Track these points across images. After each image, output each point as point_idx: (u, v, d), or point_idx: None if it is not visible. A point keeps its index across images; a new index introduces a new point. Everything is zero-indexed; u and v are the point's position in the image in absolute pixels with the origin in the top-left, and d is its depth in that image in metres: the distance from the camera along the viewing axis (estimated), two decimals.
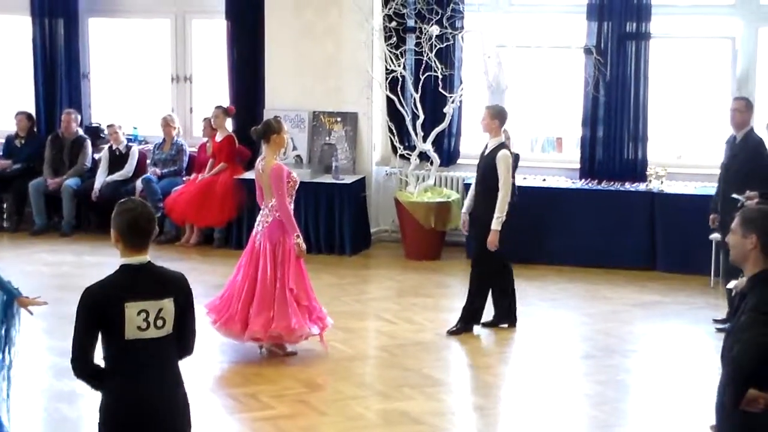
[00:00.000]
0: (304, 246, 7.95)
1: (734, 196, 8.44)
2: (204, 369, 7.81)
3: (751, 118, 9.02)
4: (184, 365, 4.59)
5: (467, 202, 8.94)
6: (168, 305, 4.38)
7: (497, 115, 8.66)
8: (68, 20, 12.88)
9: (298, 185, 8.07)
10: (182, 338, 4.52)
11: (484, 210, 8.50)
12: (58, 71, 12.93)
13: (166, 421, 4.43)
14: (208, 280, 10.20)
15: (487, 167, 8.56)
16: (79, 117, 12.65)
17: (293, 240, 7.87)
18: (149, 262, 4.43)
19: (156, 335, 4.35)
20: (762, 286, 4.48)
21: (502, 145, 8.61)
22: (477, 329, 8.73)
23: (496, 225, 8.42)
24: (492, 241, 8.45)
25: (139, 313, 4.30)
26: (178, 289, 4.48)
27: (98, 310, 4.28)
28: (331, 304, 9.32)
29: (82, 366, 4.34)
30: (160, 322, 4.35)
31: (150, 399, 4.36)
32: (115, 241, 4.40)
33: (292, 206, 7.96)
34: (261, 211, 8.05)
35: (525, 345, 8.64)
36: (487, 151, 8.68)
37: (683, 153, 11.41)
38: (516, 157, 10.72)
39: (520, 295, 9.51)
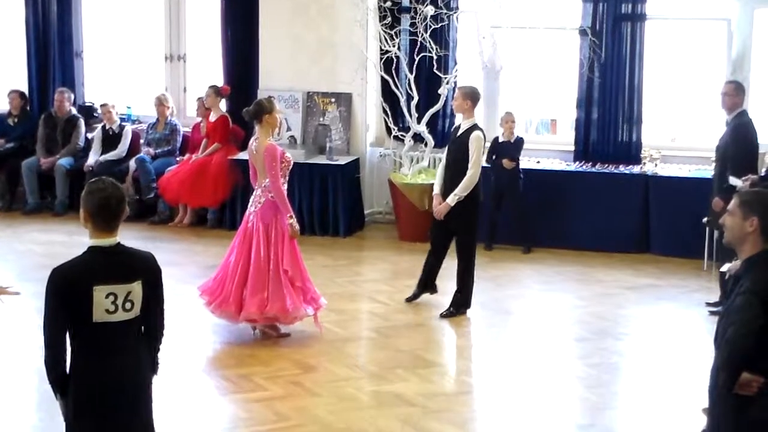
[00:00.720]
0: (297, 227, 7.92)
1: (731, 181, 8.43)
2: (197, 350, 7.81)
3: (742, 101, 9.02)
4: (177, 346, 4.58)
5: (438, 182, 8.77)
6: (137, 288, 4.35)
7: (469, 96, 8.62)
8: None
9: (291, 166, 8.04)
10: (152, 317, 4.49)
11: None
12: (52, 50, 12.88)
13: (131, 404, 4.42)
14: (202, 260, 10.19)
15: (460, 149, 8.51)
16: (73, 96, 12.60)
17: (287, 221, 7.85)
18: (119, 243, 4.38)
19: (124, 318, 4.32)
20: (757, 268, 4.47)
21: (475, 126, 8.58)
22: (470, 312, 8.73)
23: (452, 200, 8.42)
24: (440, 212, 8.47)
25: (107, 296, 4.26)
26: (148, 271, 4.43)
27: (66, 291, 4.25)
28: (325, 285, 9.31)
29: (56, 356, 4.29)
30: (128, 305, 4.32)
31: (116, 381, 4.34)
32: (84, 221, 4.36)
33: (285, 187, 7.93)
34: (254, 192, 8.02)
35: (518, 327, 8.65)
36: (459, 132, 8.64)
37: (677, 136, 11.40)
38: (520, 141, 10.77)
39: (515, 277, 9.54)
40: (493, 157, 10.72)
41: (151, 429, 4.57)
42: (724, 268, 6.13)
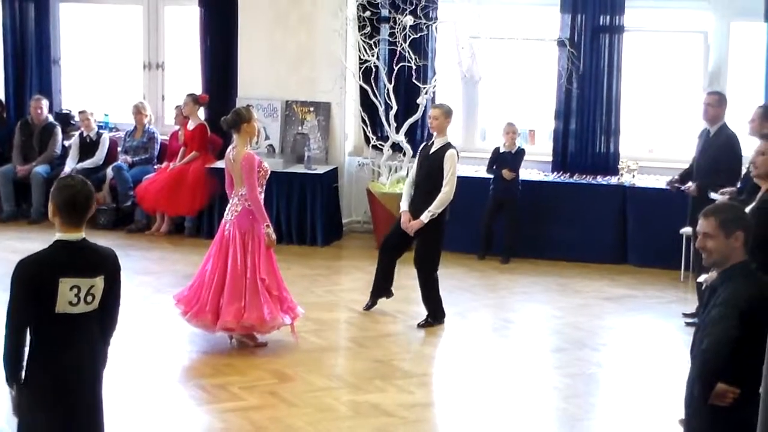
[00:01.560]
0: (274, 236, 7.90)
1: (711, 195, 8.43)
2: (172, 359, 7.76)
3: (724, 112, 9.03)
4: (153, 355, 4.61)
5: (405, 199, 8.72)
6: (99, 283, 4.53)
7: (450, 114, 8.71)
8: (39, 5, 12.76)
9: (269, 175, 8.02)
10: (110, 311, 4.70)
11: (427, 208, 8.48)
12: (29, 56, 12.82)
13: (86, 394, 4.59)
14: (179, 269, 10.14)
15: (433, 166, 8.51)
16: (49, 103, 12.53)
17: (263, 230, 7.83)
18: (84, 238, 4.56)
19: (84, 310, 4.51)
20: (734, 280, 4.49)
21: (449, 144, 8.63)
22: (447, 322, 8.73)
23: (425, 217, 8.44)
24: (412, 228, 8.50)
25: (71, 289, 4.44)
26: (110, 267, 4.63)
27: (33, 283, 4.40)
28: (302, 295, 9.29)
29: (18, 347, 4.42)
30: (89, 298, 4.51)
31: (73, 370, 4.50)
32: (53, 215, 4.54)
33: (262, 196, 7.91)
34: (231, 200, 7.97)
35: (496, 337, 8.65)
36: (433, 150, 8.63)
37: (655, 147, 11.45)
38: (521, 152, 10.81)
39: (493, 287, 9.54)
40: (494, 167, 10.75)
41: (102, 422, 4.71)
42: (701, 278, 6.15)
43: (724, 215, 4.59)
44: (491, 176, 10.75)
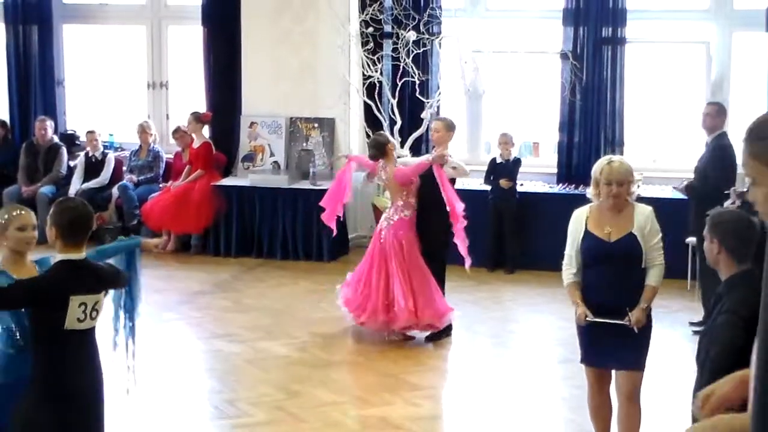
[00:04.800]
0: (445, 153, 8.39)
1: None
2: (181, 375, 7.77)
3: (722, 122, 9.09)
4: (161, 371, 4.66)
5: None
6: (102, 298, 4.69)
7: (452, 128, 8.84)
8: (42, 27, 12.83)
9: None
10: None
11: (429, 222, 8.52)
12: (33, 78, 12.88)
13: (90, 405, 4.68)
14: (186, 286, 10.17)
15: (433, 178, 8.55)
16: (54, 124, 12.58)
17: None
18: (86, 258, 4.67)
19: (89, 326, 4.62)
20: (737, 288, 4.50)
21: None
22: (454, 334, 8.73)
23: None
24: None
25: (79, 306, 4.53)
26: (114, 281, 4.83)
27: (45, 300, 4.50)
28: (309, 310, 9.32)
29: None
30: (94, 314, 4.63)
31: (79, 383, 4.60)
32: (54, 237, 4.64)
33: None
34: (386, 211, 8.74)
35: (502, 349, 8.64)
36: None
37: (659, 157, 11.46)
38: (517, 161, 10.85)
39: (498, 299, 9.53)
40: (491, 177, 10.78)
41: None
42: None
43: (712, 220, 4.66)
44: (489, 187, 10.80)
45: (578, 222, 5.95)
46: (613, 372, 6.10)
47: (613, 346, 5.92)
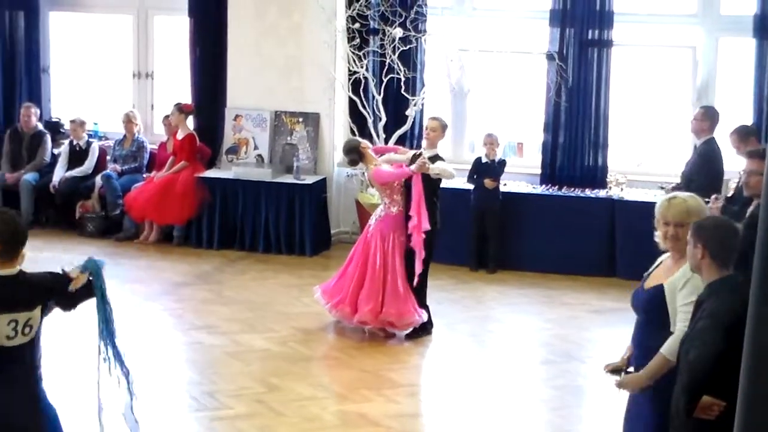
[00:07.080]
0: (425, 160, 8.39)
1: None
2: (160, 366, 7.76)
3: (709, 127, 9.14)
4: (141, 363, 4.61)
5: None
6: (36, 314, 4.49)
7: (445, 129, 8.93)
8: (29, 13, 12.75)
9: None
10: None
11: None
12: (18, 64, 12.80)
13: (28, 427, 4.53)
14: (167, 277, 10.15)
15: (425, 177, 8.55)
16: (39, 111, 12.53)
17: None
18: (20, 271, 4.50)
19: (22, 342, 4.46)
20: (718, 294, 4.53)
21: (437, 156, 8.75)
22: (435, 332, 8.75)
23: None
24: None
25: (9, 323, 4.38)
26: (48, 293, 4.56)
27: None
28: (290, 304, 9.32)
29: None
30: (27, 330, 4.47)
31: (11, 401, 4.44)
32: None
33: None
34: (378, 206, 8.83)
35: (483, 349, 8.66)
36: None
37: (643, 161, 11.50)
38: (502, 162, 10.87)
39: (480, 298, 9.54)
40: (474, 176, 10.78)
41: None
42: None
43: (697, 224, 4.68)
44: (472, 186, 10.80)
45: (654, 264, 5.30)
46: None
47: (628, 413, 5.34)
